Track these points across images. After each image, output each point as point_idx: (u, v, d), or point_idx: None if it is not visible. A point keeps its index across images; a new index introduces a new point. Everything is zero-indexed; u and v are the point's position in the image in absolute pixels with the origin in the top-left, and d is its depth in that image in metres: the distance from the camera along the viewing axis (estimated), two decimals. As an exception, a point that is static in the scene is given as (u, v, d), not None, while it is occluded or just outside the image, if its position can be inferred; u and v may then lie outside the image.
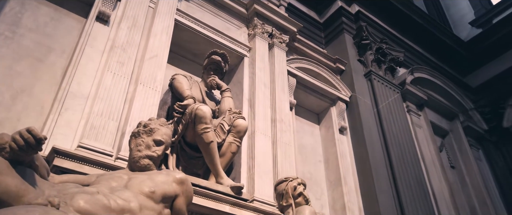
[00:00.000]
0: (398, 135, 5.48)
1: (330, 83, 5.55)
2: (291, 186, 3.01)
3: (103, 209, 1.81)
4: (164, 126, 2.42)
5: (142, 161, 2.28)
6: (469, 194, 6.14)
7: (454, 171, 6.45)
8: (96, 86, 3.12)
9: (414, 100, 6.34)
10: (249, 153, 3.90)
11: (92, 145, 2.74)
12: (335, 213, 4.49)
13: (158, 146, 2.35)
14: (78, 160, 2.51)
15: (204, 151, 3.32)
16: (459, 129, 6.81)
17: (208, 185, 3.15)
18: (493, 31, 7.89)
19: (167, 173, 2.27)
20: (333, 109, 5.48)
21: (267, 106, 4.36)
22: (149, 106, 3.27)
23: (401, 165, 5.13)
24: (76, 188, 1.89)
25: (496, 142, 7.29)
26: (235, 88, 4.53)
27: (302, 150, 4.98)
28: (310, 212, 2.71)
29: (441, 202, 5.35)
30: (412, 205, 4.76)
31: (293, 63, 5.24)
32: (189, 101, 3.39)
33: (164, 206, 2.14)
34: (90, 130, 2.82)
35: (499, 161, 7.08)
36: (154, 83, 3.43)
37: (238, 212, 3.18)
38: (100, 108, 2.97)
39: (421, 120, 6.26)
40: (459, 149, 6.65)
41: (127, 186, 2.09)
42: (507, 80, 7.41)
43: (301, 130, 5.21)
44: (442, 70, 7.52)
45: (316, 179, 4.88)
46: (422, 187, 5.12)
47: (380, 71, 6.19)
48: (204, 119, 3.24)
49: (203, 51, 4.29)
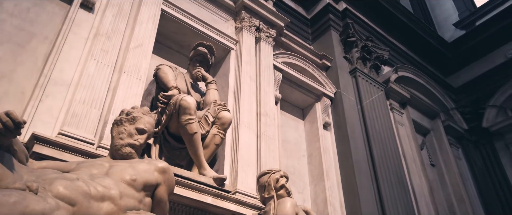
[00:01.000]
0: (380, 132, 5.57)
1: (316, 79, 5.59)
2: (274, 178, 3.03)
3: (83, 196, 1.79)
4: (147, 114, 2.40)
5: (124, 149, 2.26)
6: (447, 191, 6.28)
7: (434, 169, 6.58)
8: (79, 73, 3.07)
9: (397, 99, 6.44)
10: (233, 146, 3.90)
11: (73, 133, 2.70)
12: (316, 207, 4.54)
13: (141, 134, 2.34)
14: (58, 147, 2.48)
15: (188, 142, 3.31)
16: (440, 128, 6.95)
17: (191, 176, 3.15)
18: (476, 33, 8.05)
19: (149, 161, 2.25)
20: (318, 104, 5.52)
21: (252, 100, 4.37)
22: (133, 95, 3.24)
23: (382, 161, 5.21)
24: (56, 174, 1.86)
25: (475, 142, 7.46)
26: (220, 81, 4.52)
27: (286, 144, 5.01)
28: (291, 204, 2.74)
29: (420, 198, 5.46)
30: (392, 201, 4.85)
31: (279, 58, 5.25)
32: (173, 92, 3.37)
33: (145, 195, 2.12)
34: (71, 117, 2.78)
35: (478, 160, 7.26)
36: (138, 72, 3.40)
37: (220, 204, 3.19)
38: (83, 96, 2.93)
39: (403, 118, 6.36)
40: (439, 148, 6.79)
41: (108, 174, 2.07)
42: (488, 82, 7.58)
43: (285, 124, 5.24)
44: (425, 70, 7.65)
45: (299, 173, 4.92)
46: (402, 184, 5.22)
47: (365, 68, 6.26)
48: (188, 110, 3.23)
49: (189, 42, 4.27)
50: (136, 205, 2.01)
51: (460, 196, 6.21)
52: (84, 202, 1.78)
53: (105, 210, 1.86)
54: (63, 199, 1.71)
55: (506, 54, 7.55)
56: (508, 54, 7.53)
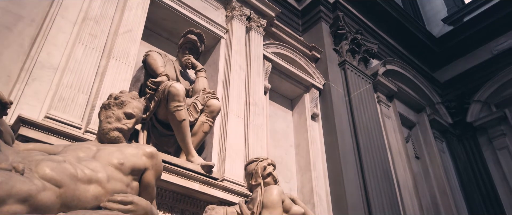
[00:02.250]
0: (367, 124, 5.64)
1: (305, 70, 5.61)
2: (261, 166, 3.06)
3: (70, 178, 1.78)
4: (136, 99, 2.39)
5: (111, 133, 2.25)
6: (431, 183, 6.41)
7: (419, 161, 6.71)
8: (66, 57, 3.03)
9: (385, 92, 6.52)
10: (221, 134, 3.92)
11: (60, 117, 2.68)
12: (303, 196, 4.60)
13: (129, 119, 2.33)
14: (44, 130, 2.46)
15: (176, 129, 3.31)
16: (425, 121, 7.06)
17: (179, 162, 3.16)
18: (463, 29, 8.16)
19: (137, 146, 2.25)
20: (306, 95, 5.56)
21: (241, 89, 4.38)
22: (121, 81, 3.22)
23: (368, 153, 5.29)
24: (42, 156, 1.85)
25: (459, 136, 7.62)
26: (210, 69, 4.52)
27: (274, 134, 5.04)
28: (278, 191, 2.77)
29: (404, 190, 5.56)
30: (377, 192, 4.94)
31: (269, 48, 5.26)
32: (162, 79, 3.36)
33: (133, 179, 2.13)
34: (58, 101, 2.76)
35: (461, 153, 7.41)
36: (127, 58, 3.37)
37: (208, 190, 3.21)
38: (70, 80, 2.90)
39: (390, 111, 6.44)
40: (424, 141, 6.91)
41: (95, 157, 2.06)
42: (473, 77, 7.71)
43: (274, 114, 5.27)
44: (413, 64, 7.74)
45: (286, 163, 4.97)
46: (387, 175, 5.31)
47: (354, 61, 6.32)
48: (177, 97, 3.23)
49: (179, 30, 4.24)
50: (123, 188, 2.02)
51: (443, 188, 6.34)
52: (71, 184, 1.78)
53: (92, 193, 1.86)
54: (49, 181, 1.71)
55: (492, 51, 7.68)
56: (494, 50, 7.66)
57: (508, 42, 7.51)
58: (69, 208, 1.75)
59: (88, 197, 1.84)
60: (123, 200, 1.88)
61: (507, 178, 6.67)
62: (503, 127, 7.03)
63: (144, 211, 1.95)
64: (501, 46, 7.58)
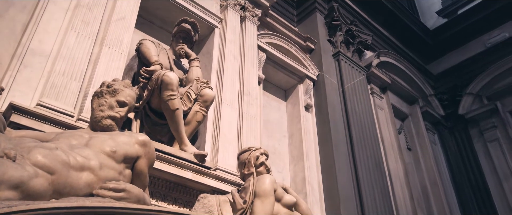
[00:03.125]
0: (360, 115, 5.68)
1: (299, 61, 5.61)
2: (254, 156, 3.07)
3: (62, 165, 1.79)
4: (128, 87, 2.38)
5: (104, 121, 2.25)
6: (422, 175, 6.49)
7: (410, 152, 6.78)
8: (59, 44, 3.00)
9: (378, 83, 6.55)
10: (214, 123, 3.92)
11: (52, 104, 2.67)
12: (295, 185, 4.64)
13: (122, 107, 2.32)
14: (37, 118, 2.44)
15: (169, 118, 3.31)
16: (418, 113, 7.12)
17: (172, 151, 3.16)
18: (457, 21, 8.18)
19: (130, 134, 2.25)
20: (300, 86, 5.57)
21: (235, 79, 4.38)
22: (114, 69, 3.20)
23: (361, 144, 5.33)
24: (34, 143, 1.85)
25: (451, 128, 7.69)
26: (204, 59, 4.50)
27: (267, 124, 5.06)
28: (270, 180, 2.78)
29: (395, 181, 5.63)
30: (369, 182, 4.99)
31: (264, 38, 5.24)
32: (155, 67, 3.34)
33: (125, 167, 2.13)
34: (50, 88, 2.74)
35: (452, 145, 7.50)
36: (120, 46, 3.35)
37: (201, 179, 3.23)
38: (62, 67, 2.88)
39: (383, 103, 6.48)
40: (416, 132, 6.97)
41: (88, 145, 2.07)
42: (466, 70, 7.76)
43: (268, 105, 5.28)
44: (407, 56, 7.77)
45: (279, 153, 5.00)
46: (379, 166, 5.36)
47: (348, 52, 6.33)
48: (171, 86, 3.22)
49: (173, 19, 4.21)
50: (116, 176, 2.03)
51: (433, 179, 6.43)
52: (63, 171, 1.78)
53: (84, 180, 1.87)
54: (41, 168, 1.71)
55: (485, 44, 7.72)
56: (487, 43, 7.71)
57: (501, 35, 7.55)
58: (62, 195, 1.76)
59: (81, 184, 1.84)
60: (115, 187, 1.89)
61: (497, 170, 6.77)
62: (494, 119, 7.11)
63: (137, 199, 1.96)
64: (494, 39, 7.63)
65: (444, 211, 6.12)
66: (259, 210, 2.64)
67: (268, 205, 2.69)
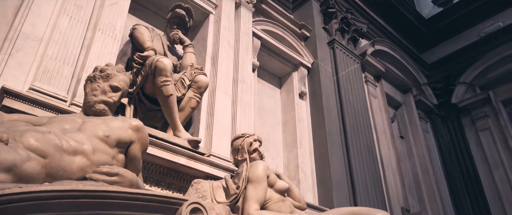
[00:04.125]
0: (354, 104, 5.71)
1: (294, 49, 5.61)
2: (247, 142, 3.08)
3: (55, 148, 1.79)
4: (122, 72, 2.37)
5: (97, 105, 2.25)
6: (414, 162, 6.57)
7: (403, 141, 6.84)
8: (51, 29, 2.97)
9: (373, 72, 6.57)
10: (208, 110, 3.93)
11: (45, 89, 2.65)
12: (288, 172, 4.68)
13: (115, 92, 2.31)
14: (29, 102, 2.43)
15: (163, 104, 3.31)
16: (411, 102, 7.17)
17: (165, 137, 3.17)
18: (452, 10, 8.18)
19: (123, 119, 2.25)
20: (295, 74, 5.57)
21: (229, 66, 4.37)
22: (108, 54, 3.18)
23: (354, 132, 5.37)
24: (27, 126, 1.85)
25: (443, 117, 7.76)
26: (198, 45, 4.48)
27: (261, 112, 5.08)
28: (263, 167, 2.81)
29: (387, 168, 5.70)
30: (361, 170, 5.05)
31: (259, 25, 5.22)
32: (149, 53, 3.33)
33: (119, 151, 2.14)
34: (43, 73, 2.72)
35: (445, 134, 7.58)
36: (113, 31, 3.32)
37: (194, 165, 3.24)
38: (55, 52, 2.86)
39: (377, 91, 6.52)
40: (409, 121, 7.03)
41: (81, 129, 2.06)
42: (460, 59, 7.80)
43: (262, 92, 5.28)
44: (401, 45, 7.78)
45: (273, 141, 5.02)
46: (371, 154, 5.42)
47: (343, 40, 6.32)
48: (164, 72, 3.21)
49: (167, 4, 4.16)
50: (109, 160, 2.03)
51: (425, 167, 6.51)
52: (56, 155, 1.78)
53: (77, 164, 1.87)
54: (34, 151, 1.71)
55: (479, 33, 7.75)
56: (481, 33, 7.73)
57: (495, 25, 7.58)
58: (55, 179, 1.76)
59: (74, 168, 1.85)
60: (108, 171, 1.90)
61: (488, 159, 6.86)
62: (487, 108, 7.18)
63: (130, 183, 1.97)
64: (488, 28, 7.65)
65: (434, 198, 6.21)
66: (252, 195, 2.67)
67: (261, 191, 2.72)
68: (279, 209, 2.78)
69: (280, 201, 2.82)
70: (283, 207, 2.81)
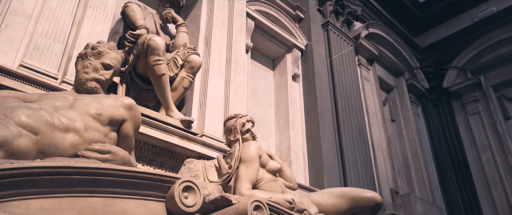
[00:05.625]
0: (346, 86, 5.73)
1: (288, 30, 5.57)
2: (240, 123, 3.08)
3: (46, 125, 1.78)
4: (114, 50, 2.34)
5: (89, 83, 2.22)
6: (404, 145, 6.66)
7: (394, 124, 6.92)
8: (41, 5, 2.90)
9: (366, 55, 6.57)
10: (201, 90, 3.91)
11: (35, 66, 2.62)
12: (280, 153, 4.72)
13: (107, 70, 2.29)
14: (19, 79, 2.40)
15: (156, 84, 3.28)
16: (403, 86, 7.22)
17: (158, 116, 3.16)
18: (447, -6, 8.17)
19: (115, 97, 2.24)
20: (288, 55, 5.55)
21: (223, 46, 4.33)
22: (99, 32, 3.13)
23: (346, 114, 5.41)
24: (18, 103, 1.83)
25: (434, 100, 7.84)
26: (191, 25, 4.42)
27: (254, 93, 5.07)
28: (255, 147, 2.82)
29: (378, 150, 5.77)
30: (352, 151, 5.11)
31: (252, 5, 5.17)
32: (141, 31, 3.28)
33: (111, 129, 2.13)
34: (33, 50, 2.68)
35: (435, 117, 7.67)
36: (105, 8, 3.26)
37: (187, 145, 3.25)
38: (45, 28, 2.80)
39: (369, 74, 6.54)
40: (400, 104, 7.09)
41: (72, 107, 2.05)
42: (453, 44, 7.83)
43: (255, 74, 5.27)
44: (395, 29, 7.77)
45: (266, 122, 5.04)
46: (362, 136, 5.48)
47: (337, 23, 6.30)
48: (157, 51, 3.17)
49: (160, -18, 4.08)
50: (101, 138, 2.03)
51: (415, 150, 6.60)
52: (48, 131, 1.77)
53: (69, 141, 1.87)
54: (25, 127, 1.70)
55: (473, 18, 7.76)
56: (475, 17, 7.74)
57: (488, 10, 7.58)
58: (46, 155, 1.76)
59: (66, 145, 1.84)
60: (101, 149, 1.89)
61: (476, 143, 6.98)
62: (477, 93, 7.26)
63: (122, 161, 1.98)
64: (482, 13, 7.66)
65: (423, 180, 6.33)
66: (244, 175, 2.69)
67: (253, 171, 2.74)
68: (270, 188, 2.80)
69: (271, 181, 2.85)
70: (275, 187, 2.84)
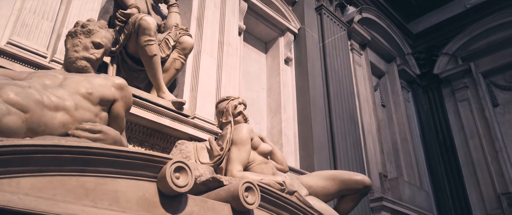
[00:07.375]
0: (338, 71, 5.74)
1: (281, 13, 5.53)
2: (232, 105, 3.07)
3: (36, 103, 1.75)
4: (104, 28, 2.29)
5: (79, 62, 2.18)
6: (393, 130, 6.74)
7: (384, 109, 6.97)
8: (28, -19, 2.83)
9: (358, 40, 6.56)
10: (193, 72, 3.88)
11: (23, 44, 2.56)
12: (272, 136, 4.74)
13: (97, 48, 2.25)
14: (7, 57, 2.35)
15: (147, 64, 3.24)
16: (394, 71, 7.25)
17: (149, 97, 3.14)
18: (441, -20, 8.14)
19: (106, 77, 2.21)
20: (281, 39, 5.52)
21: (215, 28, 4.28)
22: (89, 11, 3.07)
23: (337, 98, 5.44)
24: (6, 80, 1.79)
25: (425, 86, 7.91)
26: (183, 6, 4.35)
27: (247, 76, 5.06)
28: (247, 129, 2.82)
29: (368, 135, 5.83)
30: (342, 135, 5.15)
31: (246, -13, 5.09)
32: (132, 11, 3.22)
33: (102, 109, 2.11)
34: (21, 27, 2.61)
35: (425, 103, 7.75)
36: (95, -14, 3.19)
37: (178, 127, 3.24)
38: (33, 5, 2.73)
39: (362, 59, 6.55)
40: (391, 90, 7.14)
41: (62, 85, 2.01)
42: (445, 30, 7.85)
43: (248, 57, 5.24)
44: (388, 14, 7.75)
45: (258, 105, 5.04)
46: (353, 121, 5.52)
47: (331, 6, 6.26)
48: (148, 31, 3.13)
49: (152, -40, 3.99)
50: (91, 118, 2.00)
51: (404, 135, 6.69)
52: (37, 110, 1.75)
53: (59, 120, 1.84)
54: (14, 105, 1.67)
55: (465, 4, 7.77)
56: (467, 4, 7.75)
57: (481, -3, 7.60)
58: (36, 134, 1.74)
59: (55, 124, 1.82)
60: (91, 128, 1.88)
61: (464, 129, 7.08)
62: (467, 79, 7.34)
63: (113, 141, 1.96)
64: (474, 0, 7.67)
65: (411, 164, 6.43)
66: (236, 157, 2.70)
67: (244, 153, 2.75)
68: (261, 171, 2.82)
69: (263, 163, 2.86)
70: (266, 169, 2.86)
